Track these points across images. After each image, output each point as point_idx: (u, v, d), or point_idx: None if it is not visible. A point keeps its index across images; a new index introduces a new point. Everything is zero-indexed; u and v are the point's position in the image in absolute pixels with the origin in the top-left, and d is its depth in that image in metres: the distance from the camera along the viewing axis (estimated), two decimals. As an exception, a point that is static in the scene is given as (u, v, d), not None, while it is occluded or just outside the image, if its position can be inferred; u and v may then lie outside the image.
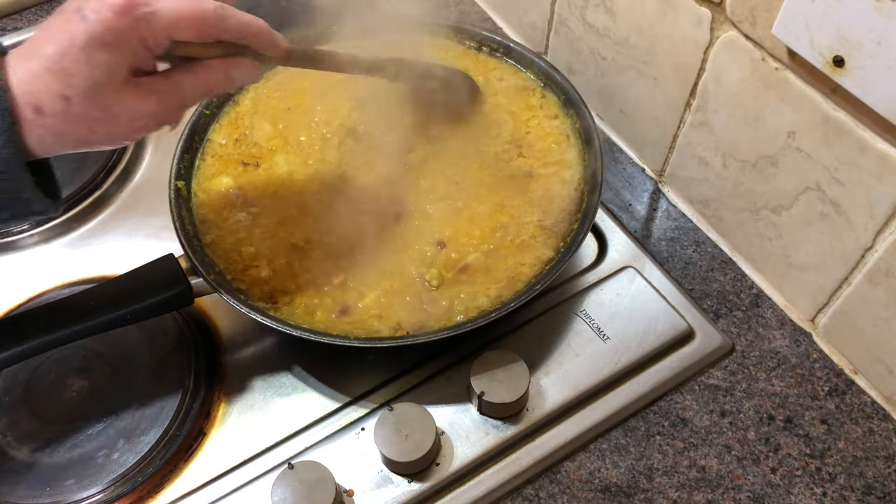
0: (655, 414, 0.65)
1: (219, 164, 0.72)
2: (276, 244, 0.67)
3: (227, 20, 0.51)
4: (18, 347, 0.57)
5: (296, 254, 0.67)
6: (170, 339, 0.67)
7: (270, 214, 0.69)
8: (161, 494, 0.61)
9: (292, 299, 0.64)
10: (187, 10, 0.48)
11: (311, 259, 0.66)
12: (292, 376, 0.67)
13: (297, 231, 0.68)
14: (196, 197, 0.70)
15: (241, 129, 0.75)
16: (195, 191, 0.70)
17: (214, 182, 0.71)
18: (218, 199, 0.70)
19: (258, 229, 0.68)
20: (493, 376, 0.61)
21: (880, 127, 0.54)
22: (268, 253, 0.66)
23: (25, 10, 1.00)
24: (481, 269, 0.65)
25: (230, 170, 0.72)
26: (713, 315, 0.70)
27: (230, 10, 0.51)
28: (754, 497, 0.61)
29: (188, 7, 0.48)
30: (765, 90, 0.62)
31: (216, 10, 0.50)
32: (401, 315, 0.63)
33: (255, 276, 0.65)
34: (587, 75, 0.83)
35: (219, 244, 0.67)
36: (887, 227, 0.58)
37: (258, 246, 0.67)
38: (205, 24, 0.49)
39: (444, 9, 0.99)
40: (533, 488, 0.61)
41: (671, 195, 0.79)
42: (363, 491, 0.60)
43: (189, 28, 0.49)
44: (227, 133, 0.75)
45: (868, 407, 0.65)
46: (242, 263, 0.66)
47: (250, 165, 0.73)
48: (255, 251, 0.67)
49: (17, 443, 0.62)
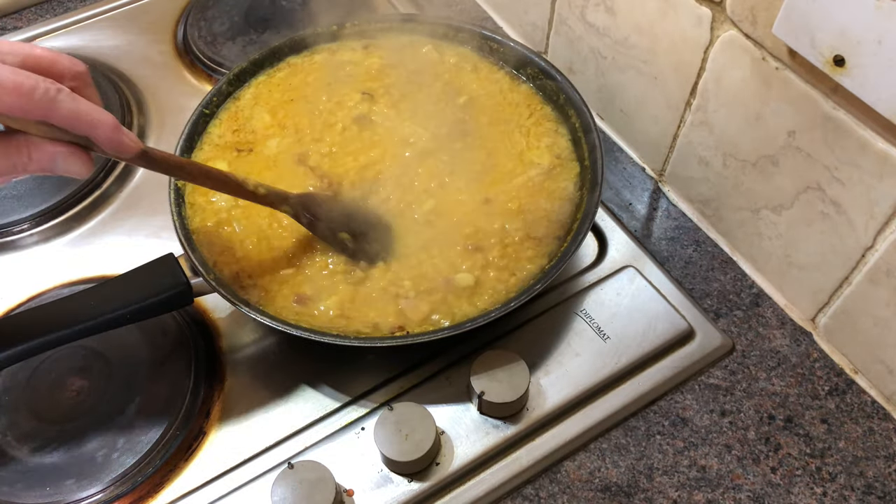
0: (655, 413, 0.65)
1: (214, 150, 0.73)
2: (250, 225, 0.68)
3: (58, 104, 0.46)
4: (18, 347, 0.57)
5: (265, 237, 0.67)
6: (170, 339, 0.67)
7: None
8: (161, 494, 0.61)
9: (255, 282, 0.65)
10: (10, 81, 0.44)
11: (278, 240, 0.67)
12: (292, 376, 0.67)
13: (271, 213, 0.68)
14: (189, 185, 0.70)
15: (240, 120, 0.76)
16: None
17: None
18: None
19: (237, 210, 0.69)
20: (493, 376, 0.61)
21: (881, 126, 0.54)
22: (241, 235, 0.67)
23: (25, 10, 1.00)
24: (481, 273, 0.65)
25: (225, 155, 0.73)
26: (713, 314, 0.70)
27: (67, 95, 0.46)
28: (754, 497, 0.61)
29: (11, 79, 0.44)
30: (765, 89, 0.62)
31: (45, 91, 0.45)
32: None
33: (230, 258, 0.66)
34: (587, 75, 0.83)
35: (202, 229, 0.68)
36: (888, 227, 0.57)
37: (235, 227, 0.68)
38: (28, 101, 0.45)
39: (444, 8, 0.99)
40: (533, 488, 0.61)
41: (671, 195, 0.79)
42: (363, 491, 0.60)
43: (8, 99, 0.45)
44: (227, 126, 0.75)
45: (868, 406, 0.65)
46: (221, 245, 0.67)
47: (244, 151, 0.73)
48: (232, 232, 0.67)
49: (17, 443, 0.62)
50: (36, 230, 0.78)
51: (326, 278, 0.65)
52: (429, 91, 0.77)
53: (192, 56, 0.92)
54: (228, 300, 0.61)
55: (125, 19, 0.98)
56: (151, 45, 0.95)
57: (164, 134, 0.85)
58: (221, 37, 0.93)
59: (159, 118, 0.87)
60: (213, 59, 0.91)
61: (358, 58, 0.80)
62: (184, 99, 0.87)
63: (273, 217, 0.68)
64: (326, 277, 0.65)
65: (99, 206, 0.79)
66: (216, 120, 0.75)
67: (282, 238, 0.67)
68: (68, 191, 0.79)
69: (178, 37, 0.95)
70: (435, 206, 0.69)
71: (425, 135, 0.73)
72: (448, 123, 0.74)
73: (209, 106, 0.75)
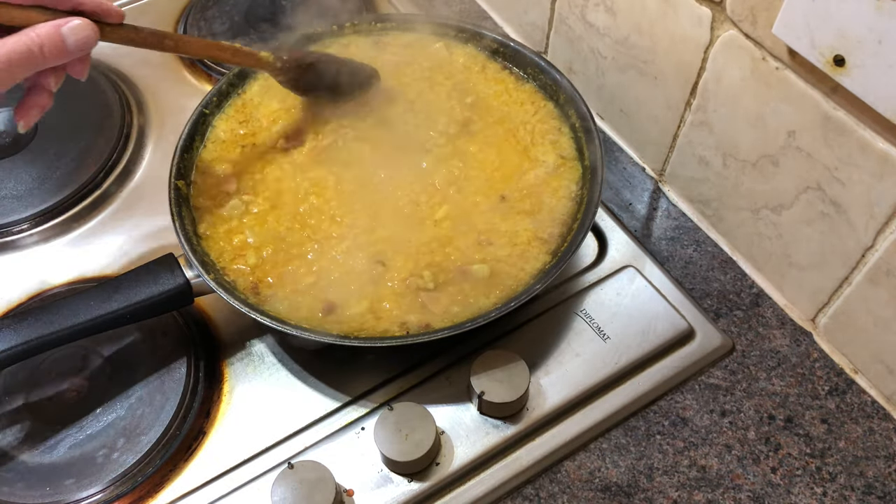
0: (655, 413, 0.65)
1: (219, 149, 0.73)
2: (265, 232, 0.68)
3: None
4: (18, 347, 0.57)
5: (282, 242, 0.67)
6: (170, 339, 0.67)
7: (263, 202, 0.70)
8: (161, 494, 0.61)
9: (275, 293, 0.64)
10: None
11: (297, 247, 0.67)
12: (292, 376, 0.67)
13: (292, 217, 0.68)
14: (195, 185, 0.70)
15: (247, 111, 0.76)
16: (193, 178, 0.71)
17: (212, 165, 0.72)
18: (213, 184, 0.71)
19: (249, 217, 0.69)
20: (493, 376, 0.61)
21: (881, 126, 0.54)
22: (256, 241, 0.67)
23: (25, 10, 1.00)
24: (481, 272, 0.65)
25: (229, 154, 0.73)
26: (713, 314, 0.70)
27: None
28: (754, 497, 0.61)
29: None
30: (765, 89, 0.62)
31: None
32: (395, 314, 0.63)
33: (242, 264, 0.66)
34: (587, 74, 0.83)
35: (211, 235, 0.67)
36: (888, 227, 0.57)
37: (247, 233, 0.68)
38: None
39: (444, 8, 0.99)
40: (533, 488, 0.61)
41: (671, 195, 0.79)
42: (363, 491, 0.60)
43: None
44: (234, 120, 0.75)
45: (868, 406, 0.65)
46: (232, 252, 0.66)
47: (247, 147, 0.73)
48: (244, 238, 0.67)
49: (17, 443, 0.62)
50: (36, 230, 0.78)
51: (352, 280, 0.65)
52: (439, 90, 0.77)
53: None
54: (228, 300, 0.61)
55: (125, 19, 0.98)
56: (151, 45, 0.95)
57: (164, 134, 0.85)
58: (221, 37, 0.93)
59: (159, 118, 0.87)
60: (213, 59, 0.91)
61: (372, 54, 0.80)
62: (184, 99, 0.87)
63: (294, 220, 0.68)
64: (351, 279, 0.65)
65: (99, 206, 0.79)
66: (222, 114, 0.76)
67: (301, 244, 0.67)
68: (68, 191, 0.79)
69: (178, 37, 0.95)
70: (448, 211, 0.69)
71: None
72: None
73: (209, 106, 0.75)
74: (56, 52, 0.50)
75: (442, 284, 0.64)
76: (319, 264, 0.65)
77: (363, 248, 0.66)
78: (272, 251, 0.66)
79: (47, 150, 0.82)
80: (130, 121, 0.86)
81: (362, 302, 0.63)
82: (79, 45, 0.51)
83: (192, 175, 0.71)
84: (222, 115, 0.76)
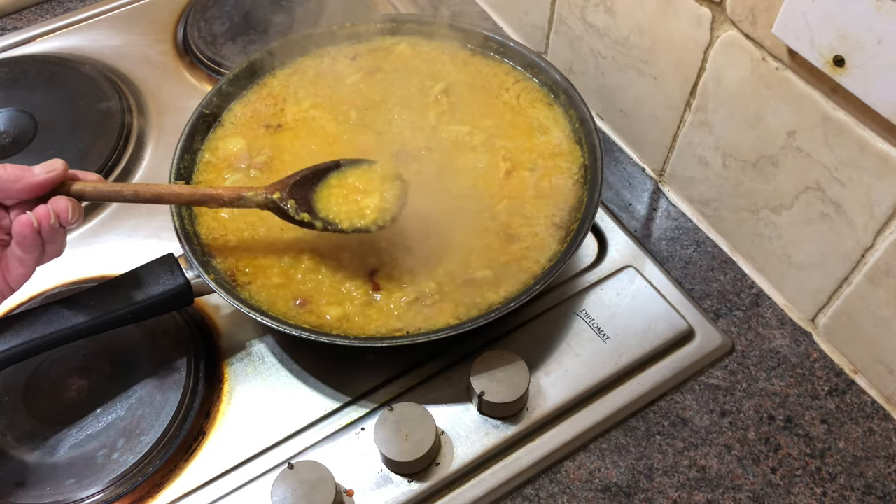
0: (655, 414, 0.65)
1: (236, 128, 0.74)
2: (269, 233, 0.67)
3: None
4: (18, 347, 0.57)
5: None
6: (170, 339, 0.67)
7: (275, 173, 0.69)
8: (161, 494, 0.61)
9: (252, 280, 0.64)
10: None
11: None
12: (292, 376, 0.67)
13: None
14: (203, 159, 0.71)
15: (277, 95, 0.77)
16: (203, 153, 0.72)
17: (224, 142, 0.72)
18: (223, 160, 0.71)
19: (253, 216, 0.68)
20: (493, 376, 0.61)
21: (880, 126, 0.54)
22: (262, 248, 0.67)
23: (25, 10, 1.00)
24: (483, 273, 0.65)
25: (248, 133, 0.73)
26: (713, 315, 0.70)
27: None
28: (754, 497, 0.61)
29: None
30: (765, 90, 0.62)
31: None
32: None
33: (223, 245, 0.66)
34: (587, 75, 0.83)
35: (204, 214, 0.68)
36: (887, 227, 0.57)
37: (254, 232, 0.67)
38: None
39: (444, 8, 0.99)
40: (533, 488, 0.61)
41: (671, 195, 0.79)
42: (363, 491, 0.60)
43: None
44: (261, 102, 0.76)
45: (868, 407, 0.65)
46: (219, 230, 0.67)
47: (272, 127, 0.74)
48: (252, 243, 0.67)
49: (17, 443, 0.62)
50: (36, 230, 0.77)
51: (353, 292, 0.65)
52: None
53: (192, 56, 0.92)
54: (228, 300, 0.61)
55: (125, 19, 0.98)
56: (151, 45, 0.95)
57: (164, 134, 0.85)
58: (221, 37, 0.93)
59: (159, 118, 0.87)
60: (213, 60, 0.91)
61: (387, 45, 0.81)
62: (184, 99, 0.87)
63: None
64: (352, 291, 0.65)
65: (99, 206, 0.79)
66: (243, 99, 0.76)
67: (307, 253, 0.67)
68: (68, 191, 0.79)
69: (178, 37, 0.95)
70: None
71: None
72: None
73: (209, 106, 0.75)
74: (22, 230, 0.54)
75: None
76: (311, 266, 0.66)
77: (359, 256, 0.67)
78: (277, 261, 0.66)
79: (47, 150, 0.82)
80: (130, 121, 0.86)
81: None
82: (62, 217, 0.56)
83: (193, 175, 0.71)
84: (242, 99, 0.76)
